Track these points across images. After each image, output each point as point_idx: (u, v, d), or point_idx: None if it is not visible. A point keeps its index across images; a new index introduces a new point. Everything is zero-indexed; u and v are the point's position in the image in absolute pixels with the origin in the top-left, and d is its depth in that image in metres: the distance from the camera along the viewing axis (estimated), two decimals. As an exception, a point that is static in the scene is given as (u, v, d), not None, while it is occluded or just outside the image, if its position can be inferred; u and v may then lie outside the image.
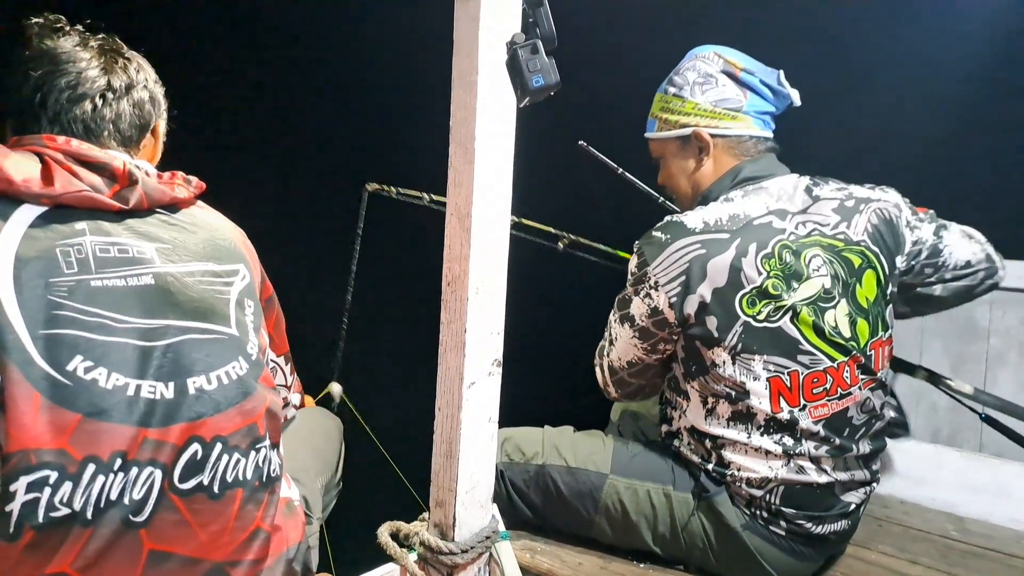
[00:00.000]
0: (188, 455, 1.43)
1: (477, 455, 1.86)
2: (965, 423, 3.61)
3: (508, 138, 1.79)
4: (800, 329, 2.15)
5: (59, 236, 1.42)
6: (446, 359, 1.81)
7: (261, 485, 1.56)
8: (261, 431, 1.56)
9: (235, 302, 1.61)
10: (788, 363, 2.15)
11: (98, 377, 1.36)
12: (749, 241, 2.15)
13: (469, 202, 1.72)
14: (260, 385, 1.59)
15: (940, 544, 2.73)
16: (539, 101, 1.56)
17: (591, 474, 2.39)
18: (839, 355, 2.19)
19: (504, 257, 1.85)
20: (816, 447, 2.19)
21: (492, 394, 1.88)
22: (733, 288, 2.13)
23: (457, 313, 1.77)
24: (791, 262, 2.17)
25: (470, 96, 1.69)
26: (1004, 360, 3.73)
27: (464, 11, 1.67)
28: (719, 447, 2.25)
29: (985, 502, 2.96)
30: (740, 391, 2.18)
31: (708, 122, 2.32)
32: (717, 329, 2.15)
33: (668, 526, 2.32)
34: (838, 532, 2.30)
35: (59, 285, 1.38)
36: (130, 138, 1.70)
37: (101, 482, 1.34)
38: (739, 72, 2.32)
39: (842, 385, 2.19)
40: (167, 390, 1.43)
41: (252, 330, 1.64)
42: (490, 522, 1.95)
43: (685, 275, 2.14)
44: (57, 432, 1.31)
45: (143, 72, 1.76)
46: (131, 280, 1.46)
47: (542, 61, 1.50)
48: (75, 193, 1.44)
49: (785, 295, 2.14)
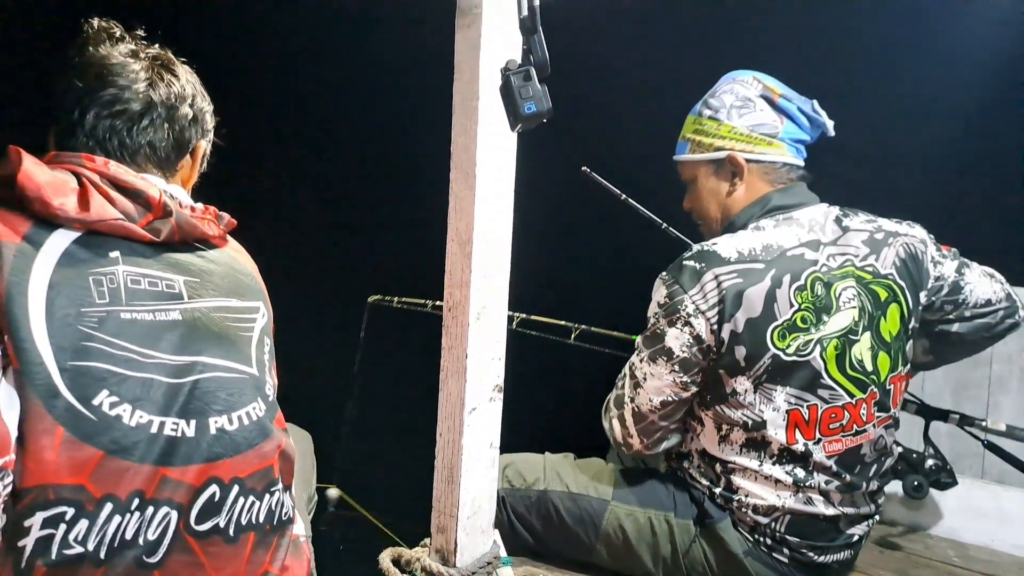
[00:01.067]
0: (206, 496, 1.41)
1: (479, 480, 1.86)
2: (967, 449, 3.60)
3: (509, 163, 1.80)
4: (825, 363, 2.14)
5: (93, 264, 1.39)
6: (447, 385, 1.81)
7: (272, 529, 1.53)
8: (275, 474, 1.54)
9: (256, 341, 1.60)
10: (809, 396, 2.14)
11: (122, 413, 1.34)
12: (783, 272, 2.14)
13: (470, 228, 1.73)
14: (275, 427, 1.57)
15: (942, 571, 2.72)
16: (532, 128, 1.56)
17: (592, 500, 2.38)
18: (858, 392, 2.17)
19: (505, 282, 1.85)
20: (827, 482, 2.17)
21: (493, 419, 1.88)
22: (766, 320, 2.11)
23: (458, 338, 1.78)
24: (822, 295, 2.16)
25: (471, 122, 1.70)
26: (1006, 386, 3.72)
27: (465, 38, 1.69)
28: (729, 472, 2.23)
29: (987, 528, 2.95)
30: (757, 420, 2.15)
31: (744, 146, 2.30)
32: (745, 359, 2.12)
33: (669, 553, 2.31)
34: (840, 562, 2.28)
35: (90, 315, 1.35)
36: (167, 159, 1.67)
37: (117, 522, 1.31)
38: (777, 98, 2.30)
39: (858, 422, 2.18)
40: (188, 428, 1.40)
41: (268, 370, 1.62)
42: (491, 548, 1.94)
43: (722, 303, 2.11)
44: (77, 468, 1.28)
45: (190, 87, 1.71)
46: (159, 315, 1.44)
47: (535, 88, 1.50)
48: (109, 221, 1.42)
49: (814, 329, 2.13)
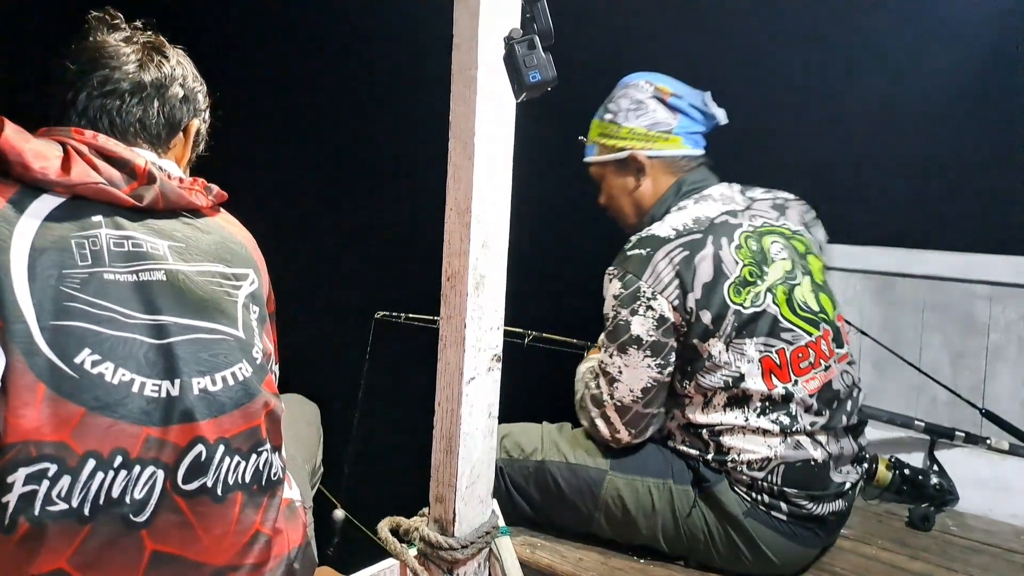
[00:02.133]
0: (192, 456, 1.41)
1: (477, 450, 1.86)
2: (965, 417, 3.61)
3: (508, 133, 1.79)
4: (779, 308, 2.29)
5: (75, 228, 1.41)
6: (446, 354, 1.81)
7: (260, 489, 1.53)
8: (263, 434, 1.54)
9: (242, 304, 1.59)
10: (774, 342, 2.26)
11: (105, 372, 1.35)
12: (719, 236, 2.31)
13: (468, 197, 1.72)
14: (263, 389, 1.56)
15: (940, 539, 2.73)
16: (537, 96, 1.55)
17: (590, 470, 2.39)
18: (814, 330, 2.33)
19: (504, 252, 1.85)
20: (812, 423, 2.26)
21: (492, 389, 1.88)
22: (720, 280, 2.25)
23: (456, 308, 1.77)
24: (757, 249, 2.34)
25: (469, 91, 1.69)
26: (1003, 355, 3.73)
27: (464, 6, 1.68)
28: (717, 435, 2.27)
29: (985, 497, 2.96)
30: (736, 376, 2.24)
31: (643, 144, 2.49)
32: (712, 321, 2.23)
33: (669, 519, 2.33)
34: (836, 512, 2.32)
35: (72, 276, 1.37)
36: (158, 136, 1.70)
37: (100, 479, 1.32)
38: (668, 97, 2.48)
39: (823, 358, 2.32)
40: (172, 388, 1.41)
41: (258, 334, 1.61)
42: (490, 517, 1.95)
43: (678, 277, 2.24)
44: (59, 424, 1.29)
45: (180, 68, 1.74)
46: (143, 275, 1.45)
47: (539, 56, 1.49)
48: (91, 184, 1.43)
49: (760, 281, 2.30)
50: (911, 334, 3.98)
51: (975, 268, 3.80)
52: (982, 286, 3.78)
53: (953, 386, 3.49)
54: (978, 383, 3.77)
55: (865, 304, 4.14)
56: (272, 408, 1.57)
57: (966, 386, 3.76)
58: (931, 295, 3.94)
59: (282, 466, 1.61)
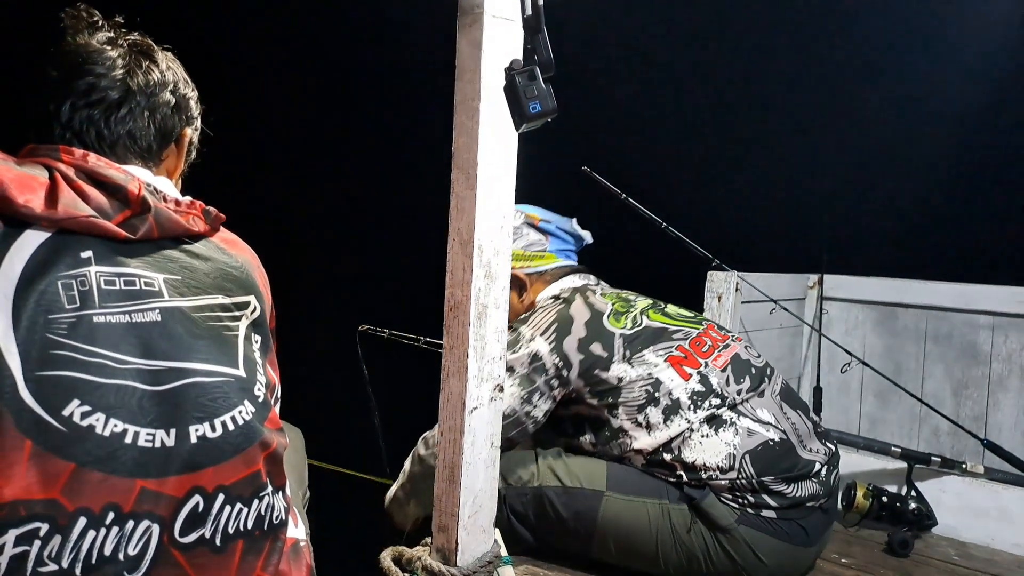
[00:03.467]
0: (189, 507, 1.34)
1: (479, 480, 1.86)
2: (967, 448, 3.61)
3: (511, 163, 1.80)
4: (656, 321, 2.56)
5: (62, 267, 1.31)
6: (448, 384, 1.81)
7: (262, 534, 1.46)
8: (263, 478, 1.47)
9: (244, 337, 1.52)
10: (669, 342, 2.50)
11: (95, 423, 1.26)
12: (584, 292, 2.64)
13: (471, 228, 1.73)
14: (266, 429, 1.49)
15: (943, 569, 2.72)
16: (537, 127, 1.56)
17: (587, 493, 2.40)
18: (697, 326, 2.59)
19: (507, 283, 1.86)
20: (738, 391, 2.44)
21: (494, 419, 1.89)
22: (596, 317, 2.52)
23: (459, 338, 1.78)
24: (620, 294, 2.67)
25: (472, 122, 1.70)
26: (1006, 385, 3.73)
27: (466, 37, 1.69)
28: (677, 453, 2.34)
29: (987, 527, 2.96)
30: (653, 382, 2.41)
31: (522, 264, 2.78)
32: (604, 349, 2.46)
33: (668, 539, 2.33)
34: (814, 495, 2.35)
35: (59, 321, 1.28)
36: (149, 149, 1.59)
37: (92, 537, 1.24)
38: (538, 222, 2.80)
39: (717, 341, 2.56)
40: (168, 438, 1.33)
41: (260, 366, 1.54)
42: (492, 547, 1.95)
43: (554, 323, 2.51)
44: (48, 482, 1.21)
45: (171, 74, 1.63)
46: (136, 316, 1.36)
47: (539, 87, 1.50)
48: (79, 219, 1.33)
49: (629, 309, 2.58)
50: (913, 364, 3.99)
51: (977, 298, 3.81)
52: (984, 316, 3.79)
53: (955, 416, 3.50)
54: (980, 413, 3.78)
55: (867, 334, 4.15)
56: (273, 449, 1.50)
57: (968, 416, 3.77)
58: (933, 325, 3.95)
59: (285, 507, 1.54)
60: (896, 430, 3.97)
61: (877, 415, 4.10)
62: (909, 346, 4.01)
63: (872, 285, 4.15)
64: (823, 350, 3.90)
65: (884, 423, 4.06)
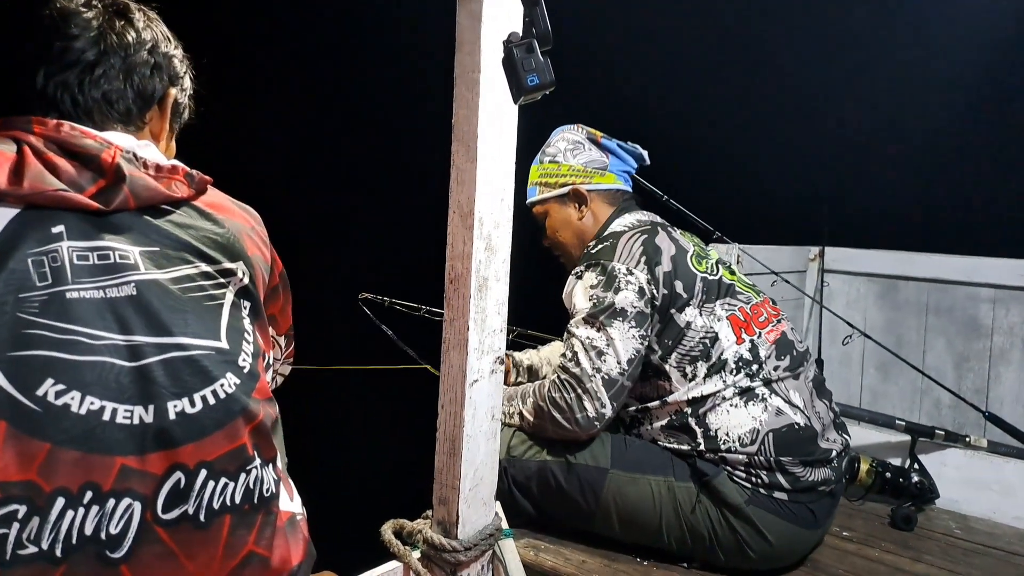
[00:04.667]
0: (171, 484, 1.31)
1: (480, 452, 1.86)
2: (969, 420, 3.61)
3: (511, 135, 1.79)
4: (727, 277, 2.58)
5: (32, 243, 1.27)
6: (449, 357, 1.81)
7: (252, 508, 1.42)
8: (250, 451, 1.43)
9: (229, 305, 1.47)
10: (734, 302, 2.52)
11: (70, 402, 1.24)
12: (665, 227, 2.65)
13: (472, 200, 1.72)
14: (252, 400, 1.45)
15: (943, 542, 2.73)
16: (536, 100, 1.55)
17: (591, 469, 2.41)
18: (756, 295, 2.62)
19: (507, 255, 1.85)
20: (775, 367, 2.44)
21: (495, 391, 1.88)
22: (682, 253, 2.53)
23: (460, 311, 1.77)
24: (694, 238, 2.71)
25: (472, 94, 1.69)
26: (1007, 358, 3.73)
27: (466, 9, 1.68)
28: (703, 417, 2.35)
29: (989, 500, 2.96)
30: (712, 336, 2.43)
31: (583, 179, 2.76)
32: (684, 289, 2.46)
33: (672, 516, 2.34)
34: (826, 481, 2.37)
35: (30, 300, 1.24)
36: (128, 112, 1.51)
37: (71, 517, 1.22)
38: (600, 138, 2.79)
39: (772, 315, 2.59)
40: (146, 414, 1.30)
41: (248, 335, 1.50)
42: (493, 520, 1.95)
43: (644, 255, 2.47)
44: (25, 463, 1.19)
45: (148, 32, 1.53)
46: (110, 291, 1.32)
47: (537, 60, 1.49)
48: (47, 193, 1.28)
49: (708, 256, 2.61)
50: (914, 337, 3.99)
51: (979, 271, 3.80)
52: (986, 289, 3.79)
53: (957, 389, 3.49)
54: (982, 386, 3.78)
55: (869, 307, 4.14)
56: (259, 420, 1.45)
57: (970, 389, 3.77)
58: (935, 298, 3.94)
59: (275, 479, 1.50)
60: (898, 403, 3.97)
61: (879, 388, 4.10)
62: (911, 319, 4.01)
63: (874, 257, 4.14)
64: (824, 322, 3.89)
65: (886, 396, 4.06)
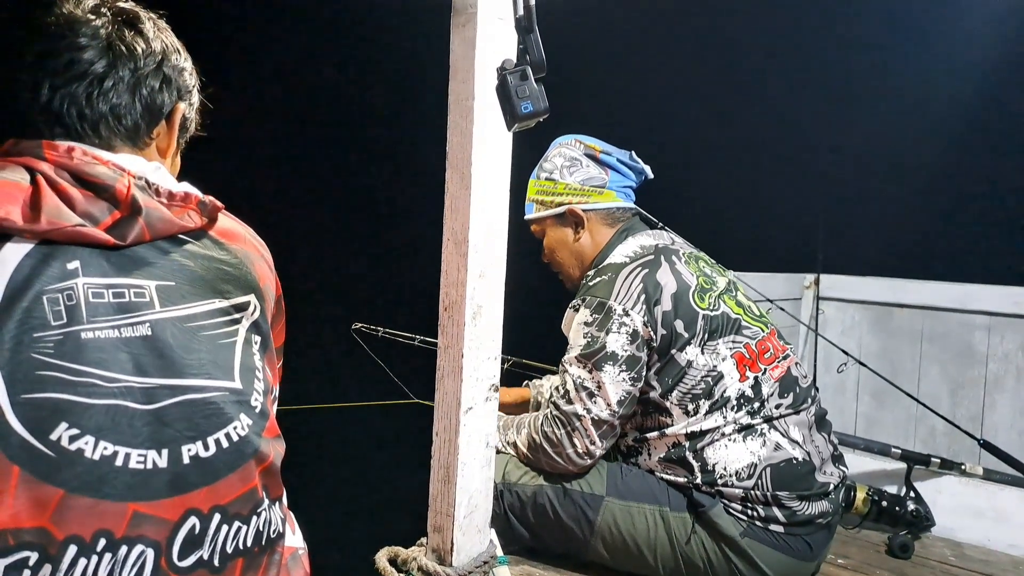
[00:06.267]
0: (186, 530, 1.29)
1: (475, 480, 1.86)
2: (963, 448, 3.61)
3: (505, 162, 1.80)
4: (731, 310, 2.47)
5: (47, 280, 1.23)
6: (443, 384, 1.81)
7: (260, 550, 1.41)
8: (260, 494, 1.41)
9: (242, 342, 1.44)
10: (740, 339, 2.43)
11: (84, 447, 1.21)
12: (669, 255, 2.49)
13: (466, 227, 1.73)
14: (263, 440, 1.43)
15: (938, 570, 2.72)
16: (530, 127, 1.56)
17: (586, 496, 2.40)
18: (764, 328, 2.52)
19: (501, 282, 1.85)
20: (777, 405, 2.39)
21: (489, 419, 1.88)
22: (684, 289, 2.41)
23: (454, 338, 1.78)
24: (700, 264, 2.57)
25: (466, 121, 1.70)
26: (1002, 385, 3.74)
27: (460, 37, 1.69)
28: (700, 451, 2.33)
29: (983, 528, 2.95)
30: (715, 376, 2.35)
31: (579, 199, 2.64)
32: (685, 328, 2.36)
33: (667, 547, 2.33)
34: (824, 514, 2.36)
35: (45, 340, 1.21)
36: (136, 128, 1.44)
37: (83, 565, 1.19)
38: (599, 154, 2.65)
39: (778, 351, 2.50)
40: (160, 459, 1.27)
41: (258, 372, 1.46)
42: (488, 547, 1.94)
43: (644, 293, 2.37)
44: (37, 509, 1.16)
45: (159, 43, 1.46)
46: (125, 331, 1.28)
47: (531, 87, 1.49)
48: (64, 229, 1.25)
49: (713, 287, 2.49)
50: (909, 364, 3.99)
51: (973, 298, 3.81)
52: (980, 316, 3.79)
53: (951, 416, 3.49)
54: (976, 413, 3.78)
55: (863, 334, 4.15)
56: (270, 462, 1.43)
57: (965, 416, 3.77)
58: (929, 325, 3.95)
59: (282, 518, 1.49)
60: (892, 430, 3.97)
61: (873, 415, 4.10)
62: (905, 346, 4.01)
63: (868, 285, 4.15)
64: (819, 350, 3.89)
65: (880, 423, 4.06)
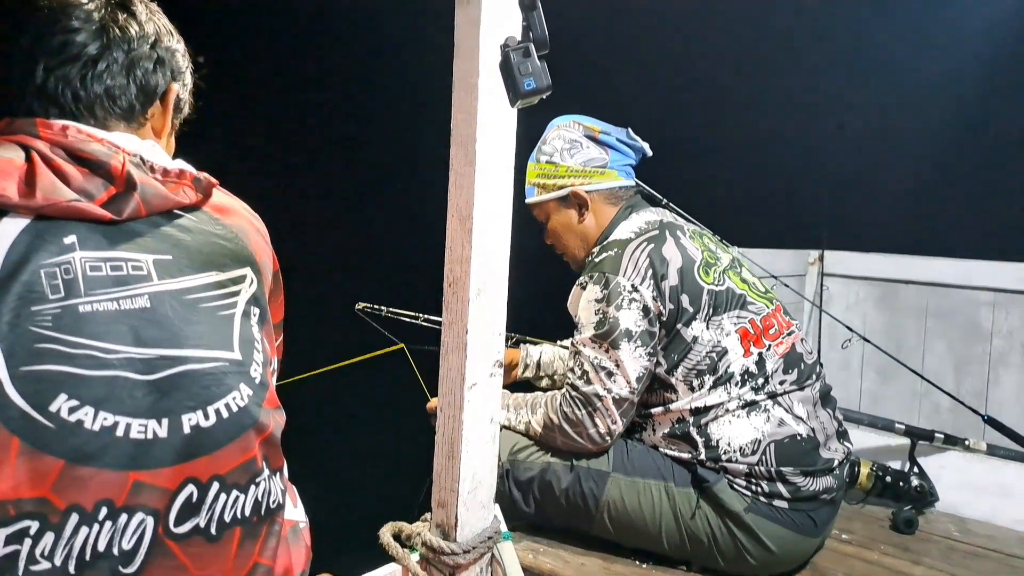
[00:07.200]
0: (183, 498, 1.30)
1: (479, 456, 1.86)
2: (968, 424, 3.61)
3: (509, 139, 1.80)
4: (736, 286, 2.49)
5: (45, 254, 1.25)
6: (448, 360, 1.81)
7: (259, 519, 1.43)
8: (259, 464, 1.43)
9: (240, 314, 1.45)
10: (745, 314, 2.45)
11: (84, 418, 1.22)
12: (674, 230, 2.53)
13: (470, 204, 1.73)
14: (263, 411, 1.44)
15: (943, 545, 2.73)
16: (533, 104, 1.55)
17: (592, 472, 2.41)
18: (769, 304, 2.54)
19: (505, 258, 1.85)
20: (781, 381, 2.41)
21: (494, 395, 1.89)
22: (689, 264, 2.44)
23: (458, 314, 1.78)
24: (704, 240, 2.60)
25: (471, 98, 1.70)
26: (1007, 361, 3.74)
27: (465, 15, 1.68)
28: (705, 428, 2.35)
29: (988, 503, 2.96)
30: (720, 350, 2.38)
31: (582, 180, 2.65)
32: (691, 303, 2.39)
33: (671, 522, 2.35)
34: (828, 490, 2.37)
35: (43, 314, 1.22)
36: (131, 109, 1.47)
37: (85, 533, 1.21)
38: (598, 134, 2.67)
39: (783, 326, 2.52)
40: (160, 428, 1.28)
41: (258, 342, 1.48)
42: (492, 522, 1.95)
43: (651, 268, 2.40)
44: (38, 480, 1.18)
45: (151, 25, 1.49)
46: (124, 303, 1.29)
47: (534, 64, 1.49)
48: (59, 204, 1.26)
49: (718, 263, 2.52)
50: (914, 340, 3.99)
51: (978, 274, 3.81)
52: (985, 292, 3.79)
53: (956, 392, 3.49)
54: (981, 389, 3.78)
55: (868, 310, 4.15)
56: (270, 432, 1.45)
57: (969, 392, 3.77)
58: (934, 301, 3.95)
59: (282, 489, 1.50)
60: (897, 406, 3.97)
61: (878, 391, 4.10)
62: (910, 323, 4.01)
63: (873, 261, 4.15)
64: (824, 326, 3.90)
65: (885, 399, 4.06)
